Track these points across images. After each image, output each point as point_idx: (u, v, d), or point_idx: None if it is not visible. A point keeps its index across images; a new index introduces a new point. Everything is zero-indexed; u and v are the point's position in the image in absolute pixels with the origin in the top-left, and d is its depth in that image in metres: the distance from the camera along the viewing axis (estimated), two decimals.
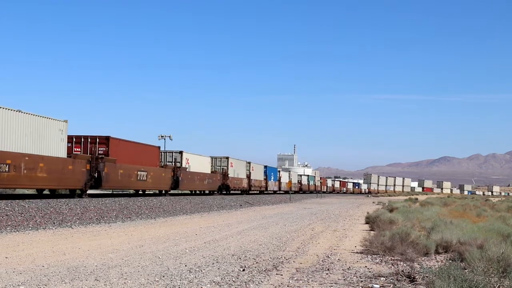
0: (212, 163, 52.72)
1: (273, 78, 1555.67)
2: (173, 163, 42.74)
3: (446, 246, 13.10)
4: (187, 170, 44.29)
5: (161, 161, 42.28)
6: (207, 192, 52.03)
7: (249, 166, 62.83)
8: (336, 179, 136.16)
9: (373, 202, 57.75)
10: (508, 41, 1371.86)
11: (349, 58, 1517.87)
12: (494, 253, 9.31)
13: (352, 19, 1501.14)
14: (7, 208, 20.20)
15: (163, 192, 41.76)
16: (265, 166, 70.80)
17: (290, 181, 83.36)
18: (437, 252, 12.98)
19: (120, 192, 45.94)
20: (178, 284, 8.93)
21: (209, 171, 50.67)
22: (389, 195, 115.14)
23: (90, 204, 25.14)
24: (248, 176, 61.92)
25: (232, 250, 13.36)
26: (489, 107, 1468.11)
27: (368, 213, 26.26)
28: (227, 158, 54.73)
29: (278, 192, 78.32)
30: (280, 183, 78.84)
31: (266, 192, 71.55)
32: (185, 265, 10.82)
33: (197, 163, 47.34)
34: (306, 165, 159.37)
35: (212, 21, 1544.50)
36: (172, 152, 44.45)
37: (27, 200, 23.89)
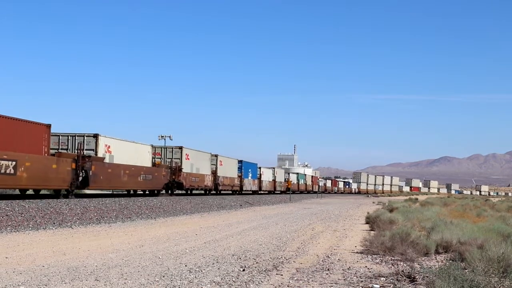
0: (161, 154, 42.79)
1: (273, 78, 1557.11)
2: (79, 151, 29.62)
3: (446, 246, 13.10)
4: (104, 160, 31.42)
5: (67, 149, 30.80)
6: (152, 192, 40.52)
7: (216, 159, 51.79)
8: (328, 179, 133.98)
9: (373, 202, 57.79)
10: (508, 41, 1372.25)
11: (349, 58, 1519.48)
12: (494, 253, 9.31)
13: (352, 19, 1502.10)
14: (7, 208, 20.20)
15: (63, 192, 28.83)
16: (240, 161, 60.31)
17: (274, 180, 75.46)
18: (437, 252, 12.98)
19: None
20: (178, 284, 8.93)
21: (149, 164, 37.73)
22: (389, 195, 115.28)
23: (90, 204, 25.13)
24: (214, 172, 50.94)
25: (232, 250, 13.36)
26: (489, 107, 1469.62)
27: (368, 213, 26.27)
28: (181, 148, 43.46)
29: (259, 192, 68.37)
30: (261, 181, 68.53)
31: (244, 192, 61.68)
32: (185, 265, 10.82)
33: (128, 153, 34.62)
34: (306, 165, 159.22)
35: (212, 21, 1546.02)
36: (84, 136, 31.15)
37: (27, 200, 23.87)
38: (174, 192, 43.36)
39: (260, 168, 69.38)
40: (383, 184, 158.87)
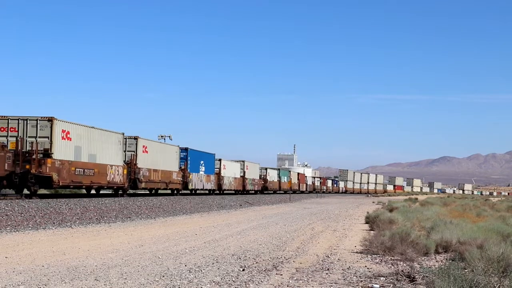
0: (18, 131, 27.23)
1: (273, 78, 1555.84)
2: None
3: (446, 246, 13.11)
4: None
5: None
6: None
7: (136, 144, 36.84)
8: (316, 177, 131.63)
9: (373, 202, 57.82)
10: (508, 41, 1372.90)
11: (349, 58, 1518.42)
12: (494, 253, 9.32)
13: (352, 19, 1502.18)
14: (7, 208, 20.22)
15: None
16: (185, 149, 45.19)
17: (243, 176, 61.82)
18: (437, 252, 12.99)
19: None
20: (178, 284, 8.93)
21: None
22: (389, 195, 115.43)
23: (90, 204, 25.17)
24: (130, 163, 36.19)
25: (232, 250, 13.37)
26: (489, 107, 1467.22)
27: (368, 213, 26.27)
28: (51, 120, 27.53)
29: (224, 192, 55.67)
30: (220, 178, 54.26)
31: (199, 192, 49.70)
32: (185, 265, 10.82)
33: None
34: (306, 165, 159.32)
35: (212, 21, 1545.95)
36: None
37: (27, 200, 23.91)
38: (34, 193, 27.41)
39: (220, 160, 55.38)
40: (368, 183, 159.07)
